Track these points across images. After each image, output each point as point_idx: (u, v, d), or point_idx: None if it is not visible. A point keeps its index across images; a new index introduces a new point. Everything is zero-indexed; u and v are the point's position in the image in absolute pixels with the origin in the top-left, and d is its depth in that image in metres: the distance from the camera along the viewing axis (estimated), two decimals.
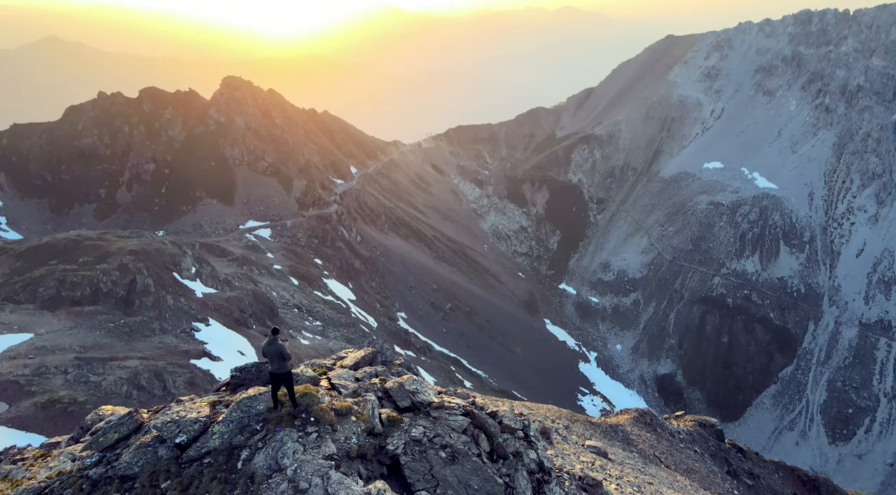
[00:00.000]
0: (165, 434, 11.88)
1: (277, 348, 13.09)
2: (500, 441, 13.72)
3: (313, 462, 11.17)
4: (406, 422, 13.31)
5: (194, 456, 11.53)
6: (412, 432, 12.95)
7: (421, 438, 12.78)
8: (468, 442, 13.07)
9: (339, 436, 12.11)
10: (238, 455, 11.53)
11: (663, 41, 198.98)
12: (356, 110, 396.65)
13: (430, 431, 13.05)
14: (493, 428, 13.92)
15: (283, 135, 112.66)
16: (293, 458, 11.20)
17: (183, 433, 11.94)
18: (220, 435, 11.90)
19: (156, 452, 11.63)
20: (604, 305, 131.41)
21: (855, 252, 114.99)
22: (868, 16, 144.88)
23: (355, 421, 12.61)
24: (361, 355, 16.64)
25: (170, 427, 12.04)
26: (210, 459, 11.46)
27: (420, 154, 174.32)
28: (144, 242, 58.04)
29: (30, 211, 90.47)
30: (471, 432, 13.46)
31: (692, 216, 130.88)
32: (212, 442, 11.75)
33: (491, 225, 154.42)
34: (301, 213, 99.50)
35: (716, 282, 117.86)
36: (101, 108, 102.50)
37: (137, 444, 11.83)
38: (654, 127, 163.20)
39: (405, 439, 12.72)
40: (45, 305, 46.34)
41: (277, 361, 13.06)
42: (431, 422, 13.38)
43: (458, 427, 13.40)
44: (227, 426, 12.13)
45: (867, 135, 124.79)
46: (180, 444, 11.83)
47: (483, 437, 13.51)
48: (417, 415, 13.63)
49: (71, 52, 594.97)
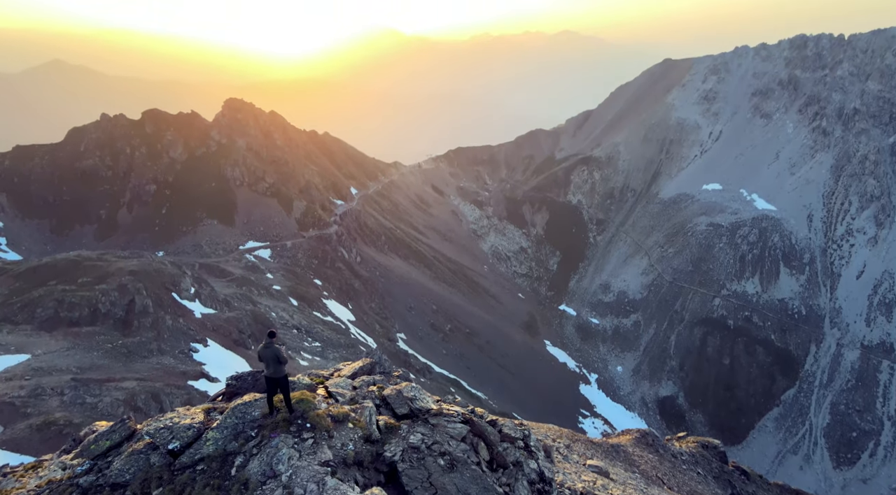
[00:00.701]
0: (158, 440, 11.65)
1: (274, 351, 12.90)
2: (500, 450, 13.47)
3: (309, 468, 10.94)
4: (404, 429, 13.07)
5: (187, 463, 11.29)
6: (410, 439, 12.70)
7: (419, 445, 12.52)
8: (467, 450, 12.79)
9: (335, 443, 11.88)
10: (232, 461, 11.30)
11: (661, 65, 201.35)
12: (357, 132, 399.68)
13: (428, 438, 12.79)
14: (493, 437, 13.68)
15: (283, 157, 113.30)
16: (288, 464, 10.97)
17: (176, 439, 11.71)
18: (213, 442, 11.68)
19: (148, 459, 11.40)
20: (604, 327, 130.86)
21: (855, 274, 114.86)
22: (862, 41, 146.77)
23: (352, 427, 12.40)
24: (359, 366, 16.45)
25: (163, 433, 11.82)
26: (203, 466, 11.22)
27: (420, 175, 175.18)
28: (144, 263, 57.98)
29: (30, 232, 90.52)
30: (470, 440, 13.20)
31: (692, 237, 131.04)
32: (205, 448, 11.54)
33: (491, 246, 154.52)
34: (301, 234, 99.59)
35: (716, 304, 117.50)
36: (104, 130, 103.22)
37: (129, 451, 11.60)
38: (652, 149, 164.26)
39: (403, 446, 12.47)
40: (43, 326, 46.12)
41: (274, 365, 12.86)
42: (430, 430, 13.12)
43: (457, 434, 13.15)
44: (221, 432, 11.92)
45: (864, 158, 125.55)
46: (173, 451, 11.60)
47: (482, 446, 13.26)
48: (416, 422, 13.38)
49: (75, 76, 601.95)
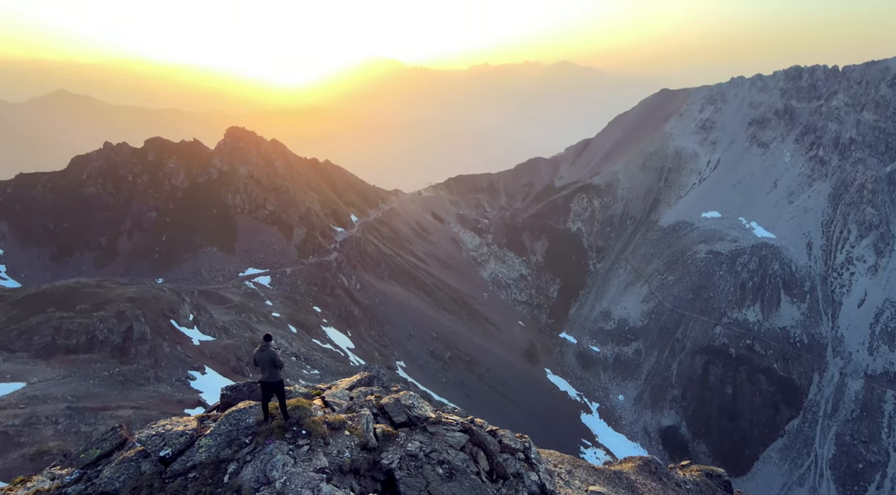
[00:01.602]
0: (150, 447, 11.42)
1: (270, 355, 12.72)
2: (500, 460, 13.19)
3: (304, 474, 10.71)
4: (402, 437, 12.84)
5: (179, 471, 11.08)
6: (408, 446, 12.45)
7: (417, 453, 12.26)
8: (467, 460, 12.51)
9: (331, 450, 11.67)
10: (225, 468, 11.07)
11: (658, 94, 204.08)
12: (358, 160, 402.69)
13: (426, 446, 12.53)
14: (493, 446, 13.42)
15: (284, 184, 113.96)
16: (282, 471, 10.75)
17: (168, 446, 11.49)
18: (206, 449, 11.49)
19: (139, 467, 11.15)
20: (605, 355, 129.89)
21: (856, 302, 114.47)
22: (857, 72, 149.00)
23: (349, 435, 12.20)
24: (357, 379, 16.24)
25: (154, 440, 11.61)
26: (195, 473, 11.00)
27: (420, 202, 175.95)
28: (143, 289, 57.85)
29: (30, 259, 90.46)
30: (469, 449, 12.93)
31: (692, 265, 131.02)
32: (198, 455, 11.33)
33: (491, 273, 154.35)
34: (301, 261, 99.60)
35: (717, 332, 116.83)
36: (107, 158, 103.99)
37: (120, 459, 11.33)
38: (651, 177, 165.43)
39: (400, 453, 12.23)
40: (40, 354, 45.80)
41: (269, 369, 12.68)
42: (428, 438, 12.87)
43: (456, 443, 12.87)
44: (214, 439, 11.71)
45: (862, 187, 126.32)
46: (165, 458, 11.38)
47: (482, 455, 12.98)
48: (414, 431, 13.14)
49: (79, 105, 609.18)
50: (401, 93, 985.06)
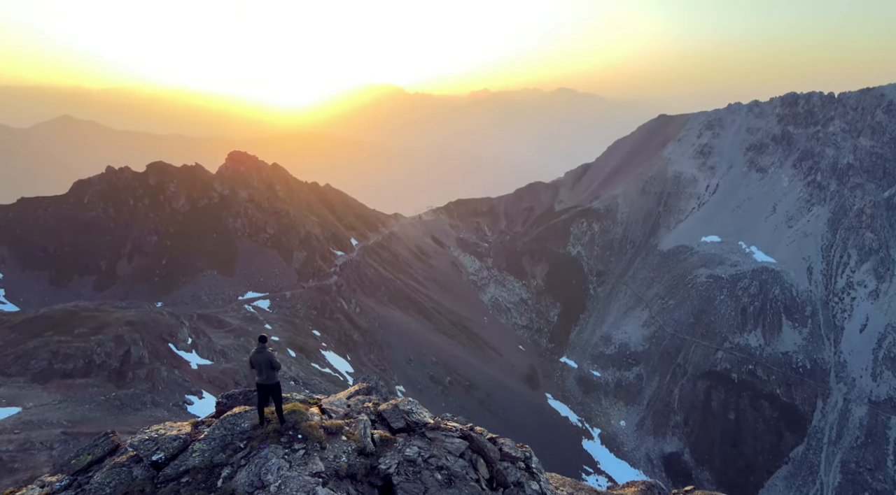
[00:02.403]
0: (142, 452, 11.20)
1: (266, 356, 12.57)
2: (501, 468, 12.91)
3: (299, 478, 10.49)
4: (400, 442, 12.62)
5: (171, 475, 10.84)
6: (406, 452, 12.21)
7: (415, 458, 12.01)
8: (466, 467, 12.22)
9: (327, 454, 11.44)
10: (218, 473, 10.84)
11: (656, 120, 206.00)
12: (358, 184, 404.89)
13: (425, 451, 12.29)
14: (493, 454, 13.16)
15: (285, 208, 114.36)
16: (277, 474, 10.53)
17: (161, 451, 11.26)
18: (200, 453, 11.27)
19: (130, 472, 10.91)
20: (606, 379, 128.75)
21: (858, 327, 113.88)
22: (853, 98, 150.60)
23: (346, 440, 11.99)
24: (356, 389, 16.04)
25: (147, 445, 11.39)
26: (188, 478, 10.76)
27: (420, 226, 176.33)
28: (142, 313, 57.64)
29: (29, 283, 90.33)
30: (469, 456, 12.66)
31: (692, 289, 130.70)
32: (191, 460, 11.12)
33: (491, 297, 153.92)
34: (301, 285, 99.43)
35: (719, 357, 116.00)
36: (108, 182, 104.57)
37: (111, 465, 11.11)
38: (650, 201, 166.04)
39: (399, 459, 11.99)
40: (36, 378, 45.42)
41: (266, 371, 12.50)
42: (427, 443, 12.63)
43: (456, 450, 12.62)
44: (208, 444, 11.50)
45: (861, 212, 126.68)
46: (157, 463, 11.16)
47: (482, 463, 12.71)
48: (412, 436, 12.91)
49: (83, 130, 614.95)
50: (402, 118, 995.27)
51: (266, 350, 12.70)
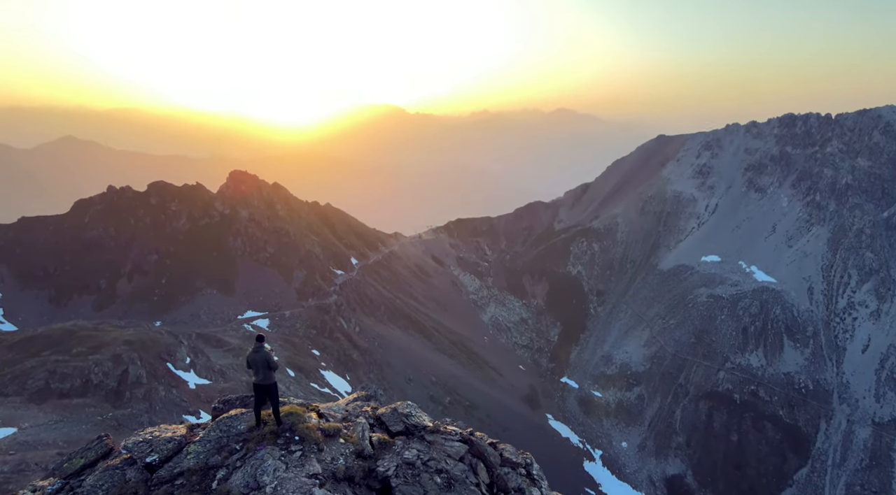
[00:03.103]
0: (136, 453, 11.00)
1: (264, 356, 12.42)
2: (501, 473, 12.70)
3: (296, 480, 10.30)
4: (399, 445, 12.44)
5: (165, 477, 10.65)
6: (405, 454, 12.02)
7: (414, 461, 11.82)
8: (466, 471, 12.01)
9: (325, 457, 11.27)
10: (213, 475, 10.66)
11: (655, 140, 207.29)
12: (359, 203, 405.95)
13: (424, 454, 12.09)
14: (494, 458, 12.96)
15: (285, 227, 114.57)
16: (273, 476, 10.35)
17: (155, 452, 11.07)
18: (195, 455, 11.10)
19: (123, 475, 10.72)
20: (607, 400, 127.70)
21: (860, 348, 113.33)
22: (850, 120, 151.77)
23: (343, 442, 11.82)
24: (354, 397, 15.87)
25: (141, 447, 11.20)
26: (182, 480, 10.57)
27: (420, 246, 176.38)
28: (140, 332, 57.41)
29: (28, 302, 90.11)
30: (469, 460, 12.46)
31: (693, 309, 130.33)
32: (186, 461, 10.95)
33: (491, 316, 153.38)
34: (300, 304, 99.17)
35: (721, 377, 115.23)
36: (110, 202, 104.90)
37: (104, 467, 10.92)
38: (650, 221, 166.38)
39: (397, 461, 11.80)
40: (33, 398, 45.08)
41: (263, 371, 12.33)
42: (426, 446, 12.44)
43: (455, 453, 12.41)
44: (203, 446, 11.34)
45: (860, 232, 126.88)
46: (151, 465, 10.96)
47: (482, 467, 12.50)
48: (411, 439, 12.73)
49: (86, 151, 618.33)
50: (402, 137, 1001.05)
51: (263, 349, 12.58)
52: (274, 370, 12.56)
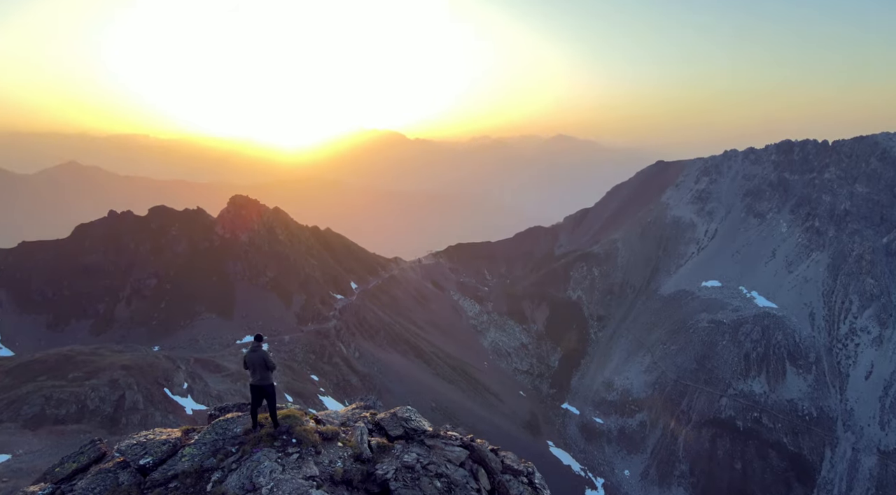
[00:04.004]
0: (129, 456, 10.74)
1: (261, 355, 12.24)
2: (503, 479, 12.42)
3: (292, 481, 10.07)
4: (398, 449, 12.22)
5: (159, 480, 10.41)
6: (405, 458, 11.78)
7: (414, 464, 11.57)
8: (466, 476, 11.74)
9: (322, 459, 11.05)
10: (208, 477, 10.42)
11: (654, 166, 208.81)
12: (359, 228, 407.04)
13: (424, 458, 11.85)
14: (495, 464, 12.68)
15: (285, 251, 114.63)
16: (269, 477, 10.12)
17: (149, 455, 10.83)
18: (190, 458, 10.88)
19: (116, 478, 10.44)
20: (609, 427, 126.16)
21: (863, 374, 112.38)
22: (846, 146, 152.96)
23: (342, 446, 11.62)
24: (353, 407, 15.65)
25: (135, 449, 10.96)
26: (177, 483, 10.33)
27: (420, 270, 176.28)
28: (138, 357, 56.99)
29: (25, 327, 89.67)
30: (469, 466, 12.20)
31: (694, 334, 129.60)
32: (180, 464, 10.71)
33: (491, 341, 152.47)
34: (300, 328, 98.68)
35: (723, 404, 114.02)
36: (110, 226, 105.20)
37: (96, 471, 10.65)
38: (650, 245, 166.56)
39: (397, 465, 11.56)
40: (28, 424, 44.55)
41: (261, 371, 12.14)
42: (426, 450, 12.19)
43: (456, 458, 12.15)
44: (198, 448, 11.11)
45: (860, 257, 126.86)
46: (145, 467, 10.71)
47: (483, 473, 12.22)
48: (411, 443, 12.50)
49: (88, 176, 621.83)
50: (403, 163, 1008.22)
51: (261, 349, 12.44)
52: (272, 370, 12.42)
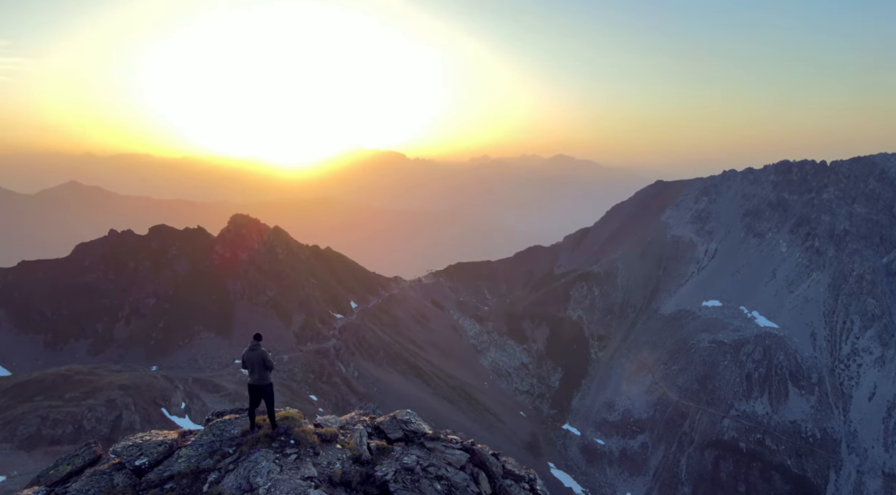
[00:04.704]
0: (125, 457, 10.56)
1: (260, 354, 12.13)
2: (504, 484, 12.23)
3: (290, 481, 9.91)
4: (398, 451, 12.08)
5: (154, 481, 10.22)
6: (404, 460, 11.62)
7: (414, 466, 11.40)
8: (467, 480, 11.55)
9: (321, 460, 10.90)
10: (205, 478, 10.25)
11: (653, 186, 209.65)
12: (359, 247, 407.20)
13: (424, 460, 11.68)
14: (496, 469, 12.51)
15: (285, 270, 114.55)
16: (267, 478, 9.98)
17: (144, 456, 10.66)
18: (186, 459, 10.74)
19: (111, 479, 10.24)
20: (610, 448, 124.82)
21: (867, 395, 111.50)
22: (844, 167, 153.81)
23: (341, 448, 11.48)
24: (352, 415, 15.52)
25: (131, 450, 10.79)
26: (172, 484, 10.15)
27: (420, 290, 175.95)
28: (136, 376, 56.68)
29: (23, 347, 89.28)
30: (470, 470, 12.02)
31: (695, 354, 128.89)
32: (176, 465, 10.57)
33: (491, 361, 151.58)
34: (299, 348, 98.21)
35: (726, 425, 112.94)
36: (110, 245, 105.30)
37: (91, 473, 10.44)
38: (650, 265, 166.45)
39: (396, 466, 11.40)
40: (23, 445, 44.17)
41: (259, 370, 12.02)
42: (426, 453, 12.02)
43: (456, 461, 11.98)
44: (195, 449, 10.97)
45: (861, 278, 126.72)
46: (140, 468, 10.54)
47: (484, 477, 12.03)
48: (410, 446, 12.33)
49: (89, 196, 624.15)
50: (403, 183, 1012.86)
51: (260, 347, 12.34)
52: (270, 370, 12.32)
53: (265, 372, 12.26)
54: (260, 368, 12.22)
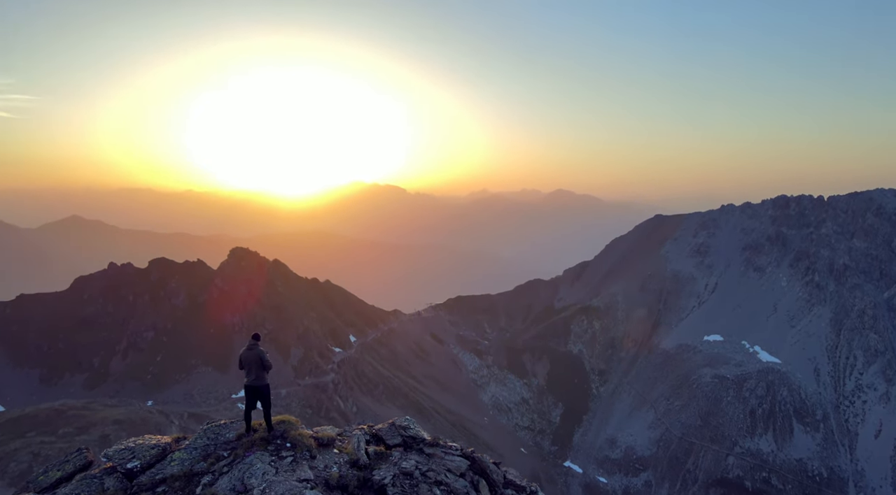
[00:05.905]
0: (116, 460, 10.21)
1: (257, 354, 11.87)
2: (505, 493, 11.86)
3: (285, 483, 9.61)
4: (396, 456, 11.79)
5: (146, 484, 9.91)
6: (403, 464, 11.32)
7: (412, 471, 11.10)
8: (467, 487, 11.20)
9: (317, 464, 10.61)
10: (198, 481, 9.94)
11: (652, 220, 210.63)
12: (358, 281, 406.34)
13: (423, 465, 11.37)
14: (497, 477, 12.12)
15: (283, 303, 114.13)
16: (262, 479, 9.70)
17: (136, 459, 10.32)
18: (179, 462, 10.44)
19: (101, 483, 9.93)
20: (613, 487, 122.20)
21: (873, 432, 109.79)
22: (842, 202, 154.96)
23: (338, 452, 11.22)
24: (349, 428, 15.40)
25: (123, 454, 10.45)
26: (165, 487, 9.85)
27: (420, 323, 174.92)
28: (131, 411, 55.91)
29: (18, 381, 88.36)
30: (470, 477, 11.67)
31: (698, 390, 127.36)
32: (169, 468, 10.25)
33: (491, 396, 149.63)
34: (297, 382, 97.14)
35: (730, 463, 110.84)
36: (110, 278, 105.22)
37: (80, 477, 10.10)
38: (650, 299, 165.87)
39: (394, 471, 11.12)
40: (15, 482, 43.29)
41: (256, 370, 11.74)
42: (425, 458, 11.70)
43: (456, 468, 11.64)
44: (188, 453, 10.65)
45: (862, 312, 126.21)
46: (132, 471, 10.19)
47: (484, 485, 11.69)
48: (409, 451, 12.00)
49: (91, 230, 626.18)
50: (403, 217, 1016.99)
51: (257, 347, 12.12)
52: (268, 370, 12.11)
53: (262, 372, 12.09)
54: (257, 368, 12.04)
